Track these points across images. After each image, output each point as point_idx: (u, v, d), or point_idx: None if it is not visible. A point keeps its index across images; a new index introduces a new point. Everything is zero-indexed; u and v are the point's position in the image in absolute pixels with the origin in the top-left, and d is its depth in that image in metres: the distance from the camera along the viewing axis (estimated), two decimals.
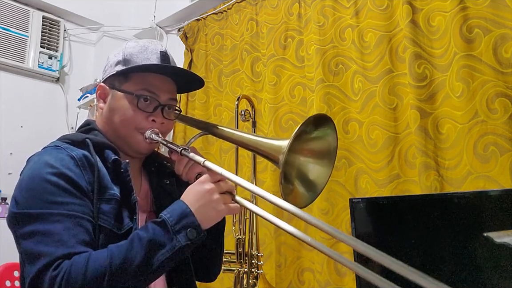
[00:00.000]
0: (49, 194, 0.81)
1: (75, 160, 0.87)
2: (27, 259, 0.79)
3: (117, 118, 0.97)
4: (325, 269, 1.67)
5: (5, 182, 2.36)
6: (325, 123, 0.90)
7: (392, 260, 0.56)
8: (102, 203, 0.87)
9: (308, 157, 0.92)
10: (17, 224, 0.82)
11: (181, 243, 0.79)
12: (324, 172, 0.92)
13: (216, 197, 0.84)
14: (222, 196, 0.85)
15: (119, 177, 0.92)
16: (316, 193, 0.92)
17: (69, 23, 2.89)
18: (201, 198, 0.84)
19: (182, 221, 0.81)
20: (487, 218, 1.16)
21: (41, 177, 0.83)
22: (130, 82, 0.97)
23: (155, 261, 0.78)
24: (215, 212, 0.84)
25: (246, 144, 1.00)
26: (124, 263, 0.76)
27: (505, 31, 1.42)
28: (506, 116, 1.37)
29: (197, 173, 0.97)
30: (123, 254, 0.77)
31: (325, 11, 1.90)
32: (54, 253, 0.76)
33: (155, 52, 0.99)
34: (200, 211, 0.83)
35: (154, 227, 0.81)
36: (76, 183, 0.84)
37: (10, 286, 1.67)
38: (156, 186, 1.05)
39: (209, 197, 0.84)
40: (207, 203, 0.84)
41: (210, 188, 0.84)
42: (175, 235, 0.80)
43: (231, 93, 2.27)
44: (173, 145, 0.97)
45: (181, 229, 0.80)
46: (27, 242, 0.79)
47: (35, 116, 2.64)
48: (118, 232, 0.87)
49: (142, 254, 0.77)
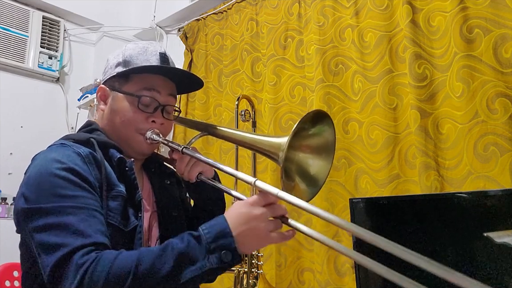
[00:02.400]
0: (60, 188, 0.81)
1: (82, 157, 0.88)
2: (43, 251, 0.77)
3: (118, 120, 0.98)
4: (325, 269, 1.67)
5: (5, 182, 2.36)
6: (323, 119, 0.91)
7: (388, 242, 0.57)
8: (110, 200, 0.87)
9: (308, 153, 0.93)
10: (28, 218, 0.81)
11: (213, 264, 0.74)
12: (324, 166, 0.92)
13: (263, 225, 0.76)
14: (272, 222, 0.78)
15: (124, 175, 0.93)
16: (317, 187, 0.91)
17: (69, 23, 2.89)
18: (246, 222, 0.76)
19: (218, 240, 0.75)
20: (487, 218, 1.16)
21: (50, 172, 0.82)
22: (130, 83, 0.98)
23: (182, 276, 0.73)
24: (259, 240, 0.78)
25: (246, 143, 1.01)
26: (150, 270, 0.73)
27: (505, 31, 1.42)
28: (506, 116, 1.37)
29: (198, 172, 0.97)
30: (151, 260, 0.74)
31: (325, 11, 1.90)
32: (74, 243, 0.74)
33: (154, 54, 1.00)
34: (241, 235, 0.76)
35: (190, 239, 0.76)
36: (85, 178, 0.84)
37: (9, 286, 1.66)
38: (158, 186, 1.06)
39: (256, 224, 0.76)
40: (252, 229, 0.76)
41: (260, 214, 0.76)
42: (208, 255, 0.74)
43: (231, 93, 2.27)
44: (174, 144, 0.98)
45: (216, 249, 0.74)
46: (41, 235, 0.78)
47: (35, 116, 2.64)
48: (124, 229, 0.87)
49: (171, 265, 0.73)
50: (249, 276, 1.74)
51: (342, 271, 1.65)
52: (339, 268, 1.66)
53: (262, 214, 0.76)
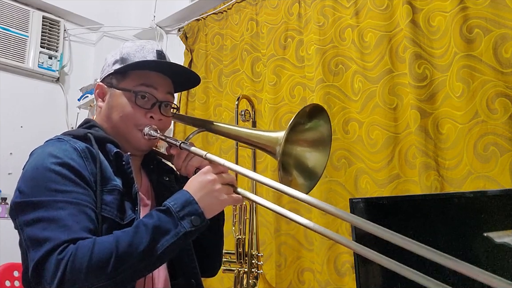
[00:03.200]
0: (53, 183, 0.82)
1: (78, 151, 0.89)
2: (31, 245, 0.79)
3: (116, 116, 0.98)
4: (325, 269, 1.67)
5: (5, 182, 2.36)
6: (319, 113, 0.92)
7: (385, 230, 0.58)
8: (105, 194, 0.88)
9: (305, 147, 0.94)
10: (20, 212, 0.83)
11: (186, 228, 0.81)
12: (321, 159, 0.94)
13: (218, 187, 0.86)
14: (224, 186, 0.87)
15: (121, 170, 0.93)
16: (314, 180, 0.93)
17: (69, 23, 2.89)
18: (203, 187, 0.85)
19: (185, 208, 0.82)
20: (487, 218, 1.16)
21: (45, 167, 0.83)
22: (127, 79, 0.99)
23: (159, 247, 0.79)
24: (218, 201, 0.86)
25: (243, 138, 1.02)
26: (129, 248, 0.77)
27: (505, 31, 1.42)
28: (506, 116, 1.37)
29: (196, 167, 0.98)
30: (128, 239, 0.78)
31: (325, 11, 1.90)
32: (59, 237, 0.76)
33: (151, 51, 1.01)
34: (203, 200, 0.84)
35: (159, 214, 0.82)
36: (80, 173, 0.85)
37: (10, 286, 1.67)
38: (157, 182, 1.06)
39: (211, 187, 0.85)
40: (209, 192, 0.85)
41: (213, 179, 0.86)
42: (180, 221, 0.81)
43: (231, 93, 2.27)
44: (172, 140, 0.99)
45: (185, 216, 0.82)
46: (31, 229, 0.80)
47: (35, 116, 2.64)
48: (121, 222, 0.88)
49: (148, 240, 0.78)
50: (249, 276, 1.74)
51: (342, 271, 1.65)
52: (339, 268, 1.66)
53: (215, 179, 0.86)
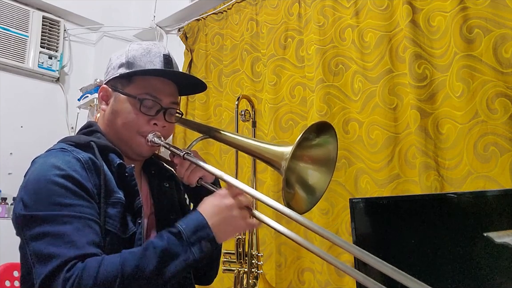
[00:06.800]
0: (57, 196, 0.81)
1: (82, 162, 0.88)
2: (37, 260, 0.79)
3: (120, 121, 0.97)
4: (325, 269, 1.67)
5: (5, 182, 2.36)
6: (327, 130, 0.92)
7: (388, 266, 0.56)
8: (109, 206, 0.87)
9: (309, 164, 0.94)
10: (25, 225, 0.82)
11: (195, 255, 0.79)
12: (323, 178, 0.94)
13: (235, 213, 0.83)
14: (241, 211, 0.84)
15: (124, 181, 0.92)
16: (316, 197, 0.93)
17: (69, 23, 2.89)
18: (220, 212, 0.83)
19: (198, 232, 0.81)
20: (487, 218, 1.16)
21: (48, 179, 0.83)
22: (133, 85, 0.98)
23: (167, 271, 0.77)
24: (233, 228, 0.85)
25: (248, 149, 1.01)
26: (136, 270, 0.76)
27: (505, 31, 1.42)
28: (506, 116, 1.37)
29: (199, 177, 0.97)
30: (135, 261, 0.76)
31: (325, 11, 1.90)
32: (66, 254, 0.76)
33: (158, 55, 0.99)
34: (218, 225, 0.82)
35: (169, 236, 0.80)
36: (83, 185, 0.84)
37: (9, 286, 1.66)
38: (157, 189, 1.05)
39: (228, 212, 0.83)
40: (226, 218, 0.83)
41: (230, 204, 0.83)
42: (190, 247, 0.79)
43: (231, 93, 2.27)
44: (175, 149, 0.98)
45: (196, 242, 0.80)
46: (37, 244, 0.79)
47: (35, 116, 2.64)
48: (123, 236, 0.87)
49: (155, 263, 0.76)
50: (249, 276, 1.74)
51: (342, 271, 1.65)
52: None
53: (233, 204, 0.83)
